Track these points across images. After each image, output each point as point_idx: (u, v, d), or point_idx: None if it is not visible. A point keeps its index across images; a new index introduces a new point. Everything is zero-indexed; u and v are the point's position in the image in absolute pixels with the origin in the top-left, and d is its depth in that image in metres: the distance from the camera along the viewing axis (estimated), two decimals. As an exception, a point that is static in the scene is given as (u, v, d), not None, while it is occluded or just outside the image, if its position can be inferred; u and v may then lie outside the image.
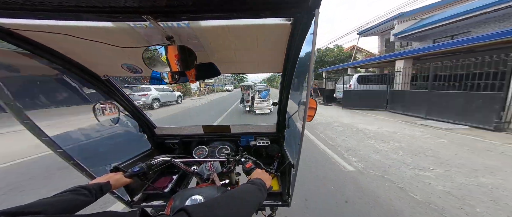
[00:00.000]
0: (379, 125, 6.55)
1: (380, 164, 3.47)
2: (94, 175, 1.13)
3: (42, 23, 0.72)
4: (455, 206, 2.26)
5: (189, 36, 0.87)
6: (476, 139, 4.71)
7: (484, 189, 2.59)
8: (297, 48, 0.94)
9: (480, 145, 4.28)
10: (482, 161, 3.46)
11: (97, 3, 0.58)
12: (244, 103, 10.12)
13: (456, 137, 4.94)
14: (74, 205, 0.64)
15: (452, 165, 3.32)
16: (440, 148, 4.19)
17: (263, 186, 0.72)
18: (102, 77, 1.26)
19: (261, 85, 15.46)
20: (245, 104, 10.06)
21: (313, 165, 3.49)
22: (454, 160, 3.54)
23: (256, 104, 9.40)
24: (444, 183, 2.75)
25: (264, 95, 10.02)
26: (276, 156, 1.63)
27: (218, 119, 8.56)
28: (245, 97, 10.03)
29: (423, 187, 2.67)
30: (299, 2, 0.61)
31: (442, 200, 2.38)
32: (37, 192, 2.83)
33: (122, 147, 1.60)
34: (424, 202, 2.34)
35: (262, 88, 11.89)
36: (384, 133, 5.52)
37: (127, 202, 1.30)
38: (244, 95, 10.07)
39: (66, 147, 1.05)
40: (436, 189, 2.62)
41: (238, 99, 11.89)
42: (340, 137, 5.23)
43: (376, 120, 7.47)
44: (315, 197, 2.46)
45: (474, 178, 2.87)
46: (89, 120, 1.30)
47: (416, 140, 4.81)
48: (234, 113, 10.38)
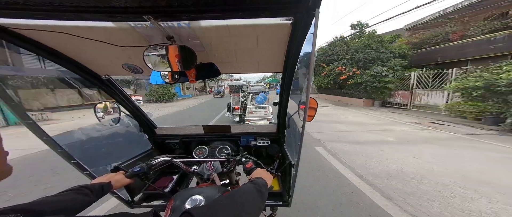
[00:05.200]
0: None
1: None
2: (95, 175, 1.14)
3: (43, 23, 0.72)
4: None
5: (190, 36, 0.87)
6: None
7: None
8: (297, 48, 0.94)
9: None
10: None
11: (98, 3, 0.59)
12: (232, 112, 7.17)
13: None
14: (77, 204, 0.65)
15: None
16: None
17: (264, 186, 0.72)
18: (103, 77, 1.26)
19: (257, 86, 12.33)
20: (233, 112, 7.15)
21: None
22: None
23: (249, 113, 6.12)
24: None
25: (260, 100, 6.93)
26: (276, 156, 1.63)
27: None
28: (233, 103, 7.11)
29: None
30: (300, 2, 0.61)
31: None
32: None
33: (123, 147, 1.60)
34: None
35: (257, 90, 9.25)
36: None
37: (128, 202, 1.30)
38: (232, 99, 7.22)
39: (67, 146, 1.05)
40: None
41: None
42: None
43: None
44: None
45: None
46: (90, 120, 1.30)
47: None
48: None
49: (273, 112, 6.11)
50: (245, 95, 7.80)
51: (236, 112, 7.02)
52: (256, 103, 6.91)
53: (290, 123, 1.52)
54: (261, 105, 6.58)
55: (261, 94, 7.38)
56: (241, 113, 6.99)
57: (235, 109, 7.02)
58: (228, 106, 7.44)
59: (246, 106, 6.87)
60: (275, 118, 5.98)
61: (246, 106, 6.96)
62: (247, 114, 6.22)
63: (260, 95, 7.18)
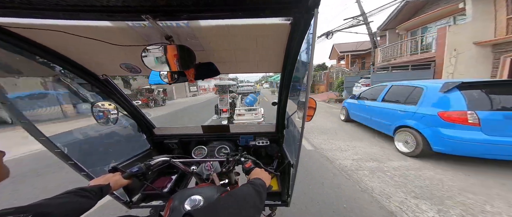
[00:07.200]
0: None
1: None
2: (93, 175, 1.13)
3: (39, 22, 0.71)
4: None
5: (188, 35, 0.87)
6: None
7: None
8: (296, 48, 0.94)
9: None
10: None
11: (96, 2, 0.58)
12: (219, 114, 6.48)
13: None
14: (80, 207, 0.64)
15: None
16: None
17: (262, 186, 0.72)
18: (100, 77, 1.25)
19: (247, 86, 11.55)
20: (220, 115, 6.44)
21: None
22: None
23: (238, 116, 5.68)
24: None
25: (250, 102, 6.41)
26: (275, 155, 1.63)
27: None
28: (221, 105, 6.40)
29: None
30: (299, 2, 0.61)
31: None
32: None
33: (121, 147, 1.59)
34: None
35: (247, 91, 8.46)
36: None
37: (126, 203, 1.29)
38: (220, 101, 6.45)
39: (64, 147, 1.04)
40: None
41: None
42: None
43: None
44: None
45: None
46: (87, 120, 1.29)
47: None
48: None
49: (264, 114, 5.83)
50: (234, 96, 7.14)
51: (224, 114, 6.38)
52: (246, 105, 6.45)
53: (289, 123, 1.52)
54: (250, 108, 6.03)
55: (251, 95, 6.86)
56: (229, 116, 6.41)
57: (223, 111, 6.38)
58: (215, 108, 6.79)
59: (235, 108, 6.34)
60: (268, 119, 6.07)
61: (235, 108, 6.38)
62: (236, 116, 5.77)
63: (250, 96, 6.65)
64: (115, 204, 1.28)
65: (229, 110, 6.41)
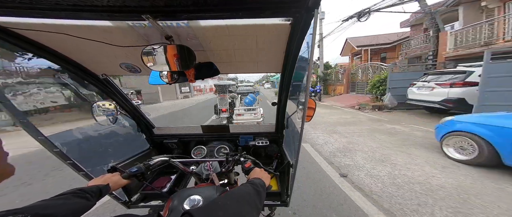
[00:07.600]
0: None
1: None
2: (91, 175, 1.12)
3: (39, 21, 0.71)
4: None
5: (189, 35, 0.87)
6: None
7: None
8: (296, 48, 0.94)
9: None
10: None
11: (96, 2, 0.58)
12: (219, 114, 6.52)
13: None
14: (79, 208, 0.63)
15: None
16: None
17: (262, 186, 0.72)
18: (100, 76, 1.25)
19: (246, 85, 11.50)
20: (220, 115, 6.48)
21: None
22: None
23: (237, 116, 5.68)
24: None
25: (249, 102, 6.44)
26: (275, 156, 1.63)
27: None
28: (220, 105, 6.39)
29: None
30: (299, 2, 0.61)
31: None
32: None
33: (120, 146, 1.59)
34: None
35: (246, 91, 8.51)
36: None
37: (125, 202, 1.29)
38: (219, 101, 6.42)
39: (63, 146, 1.03)
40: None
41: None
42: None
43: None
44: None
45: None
46: (87, 119, 1.29)
47: None
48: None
49: (264, 114, 5.84)
50: (233, 96, 7.16)
51: (223, 114, 6.42)
52: (245, 105, 6.46)
53: (289, 123, 1.52)
54: (250, 108, 6.02)
55: (250, 95, 6.89)
56: (228, 116, 6.45)
57: (223, 111, 6.42)
58: (215, 108, 6.81)
59: (234, 108, 6.37)
60: (268, 120, 6.03)
61: (234, 108, 6.41)
62: (235, 116, 5.75)
63: (249, 96, 6.68)
64: (113, 203, 1.27)
65: (228, 109, 6.44)
